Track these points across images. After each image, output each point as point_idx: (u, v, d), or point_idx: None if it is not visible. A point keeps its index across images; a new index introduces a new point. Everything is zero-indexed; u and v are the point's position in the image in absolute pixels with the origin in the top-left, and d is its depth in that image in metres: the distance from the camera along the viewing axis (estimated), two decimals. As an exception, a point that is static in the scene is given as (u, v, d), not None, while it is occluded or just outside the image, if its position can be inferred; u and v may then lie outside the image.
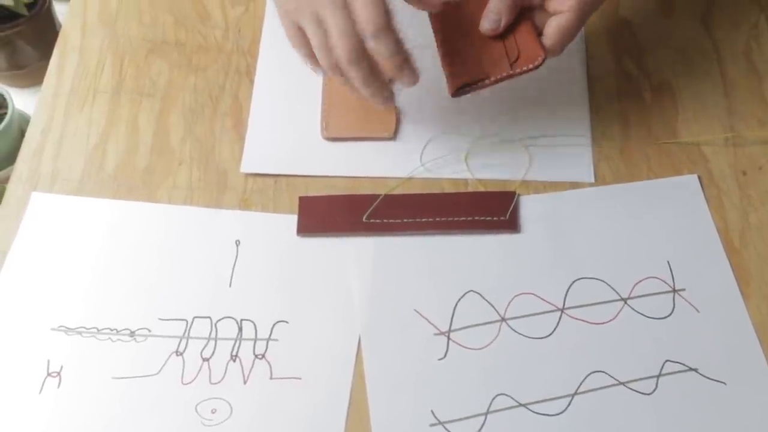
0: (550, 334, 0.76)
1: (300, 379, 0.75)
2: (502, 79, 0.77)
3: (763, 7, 0.94)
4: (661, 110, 0.88)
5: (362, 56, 0.73)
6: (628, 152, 0.85)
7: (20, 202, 0.84)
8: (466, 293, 0.78)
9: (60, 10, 1.13)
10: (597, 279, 0.78)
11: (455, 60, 0.79)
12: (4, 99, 1.00)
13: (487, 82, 0.77)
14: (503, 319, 0.77)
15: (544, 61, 0.76)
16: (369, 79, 0.75)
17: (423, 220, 0.81)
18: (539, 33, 0.77)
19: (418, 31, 0.79)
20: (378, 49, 0.73)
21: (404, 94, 0.87)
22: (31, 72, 1.10)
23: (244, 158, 0.86)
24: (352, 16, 0.72)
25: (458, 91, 0.78)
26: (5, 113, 0.99)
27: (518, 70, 0.77)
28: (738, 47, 0.92)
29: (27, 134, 0.88)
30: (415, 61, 0.76)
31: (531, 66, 0.76)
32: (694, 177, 0.83)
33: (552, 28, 0.76)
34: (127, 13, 0.96)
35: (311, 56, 0.76)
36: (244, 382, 0.75)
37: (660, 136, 0.86)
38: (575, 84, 0.89)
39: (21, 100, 1.06)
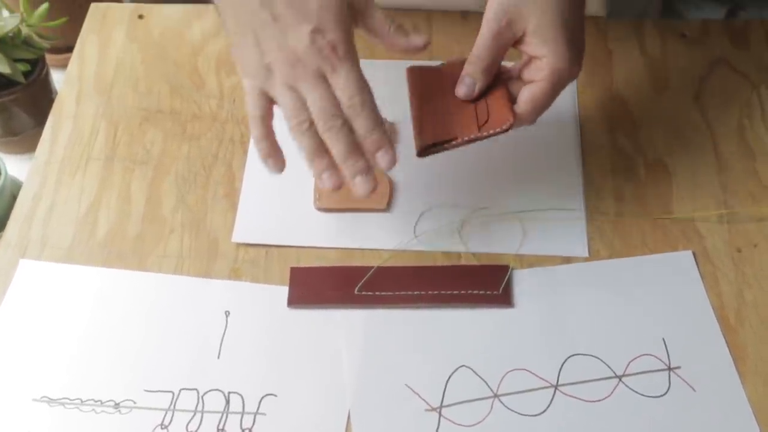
0: (543, 412, 0.74)
1: (287, 454, 0.73)
2: (469, 141, 0.77)
3: (755, 85, 0.95)
4: (655, 186, 0.87)
5: (343, 129, 0.72)
6: (622, 227, 0.85)
7: (8, 269, 0.83)
8: (458, 368, 0.77)
9: (57, 78, 1.13)
10: (591, 355, 0.77)
11: (425, 120, 0.78)
12: (-3, 165, 1.00)
13: (453, 143, 0.77)
14: (496, 396, 0.75)
15: (511, 126, 0.75)
16: (349, 153, 0.72)
17: (415, 293, 0.80)
18: (513, 100, 0.77)
19: (402, 107, 0.79)
20: (355, 125, 0.72)
21: (397, 166, 0.87)
22: (26, 139, 1.10)
23: (236, 227, 0.85)
24: (329, 92, 0.72)
25: (424, 150, 0.77)
26: (-2, 179, 0.98)
27: (485, 133, 0.76)
28: (731, 125, 0.92)
29: (18, 200, 0.88)
30: (394, 144, 0.74)
31: (498, 130, 0.76)
32: (689, 253, 0.83)
33: (524, 97, 0.76)
34: (123, 81, 0.97)
35: (264, 132, 0.75)
36: (230, 457, 0.73)
37: (654, 211, 0.86)
38: (569, 158, 0.89)
39: (14, 166, 1.06)
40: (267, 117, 0.75)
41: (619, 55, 0.98)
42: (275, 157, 0.75)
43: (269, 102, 0.75)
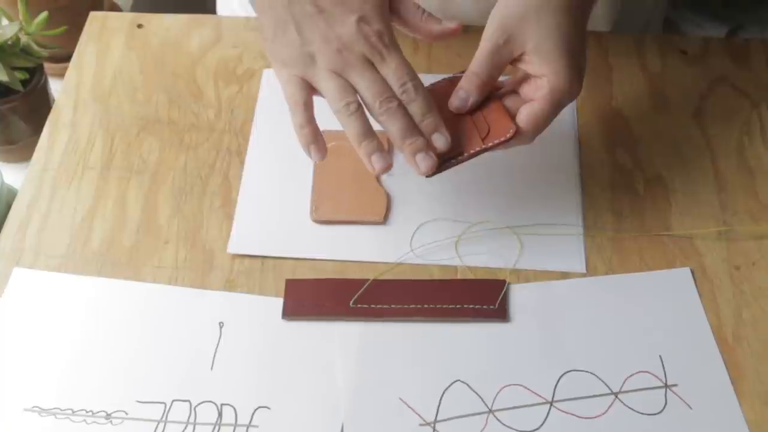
0: (538, 428, 0.74)
1: (279, 468, 0.72)
2: (475, 154, 0.77)
3: (756, 104, 0.95)
4: (654, 202, 0.87)
5: (401, 108, 0.74)
6: (620, 243, 0.84)
7: (1, 277, 0.82)
8: (453, 383, 0.76)
9: (55, 88, 1.13)
10: (587, 372, 0.77)
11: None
12: (-6, 173, 0.99)
13: (460, 158, 0.77)
14: (491, 411, 0.75)
15: (515, 133, 0.75)
16: (411, 130, 0.74)
17: (411, 306, 0.80)
18: (510, 113, 0.77)
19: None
20: (410, 108, 0.74)
21: (395, 179, 0.87)
22: (23, 147, 1.10)
23: (232, 238, 0.84)
24: (380, 75, 0.74)
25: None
26: (-6, 187, 0.98)
27: (490, 144, 0.76)
28: (731, 143, 0.92)
29: (12, 208, 0.87)
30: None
31: (503, 139, 0.76)
32: (687, 270, 0.82)
33: (523, 115, 0.76)
34: (120, 90, 0.96)
35: (306, 119, 0.75)
36: (222, 470, 0.73)
37: (653, 228, 0.85)
38: (568, 173, 0.89)
39: (11, 174, 1.05)
40: (309, 103, 0.76)
41: (619, 70, 0.97)
42: (317, 144, 0.75)
43: (310, 89, 0.76)
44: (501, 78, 0.78)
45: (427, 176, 0.77)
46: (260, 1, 0.77)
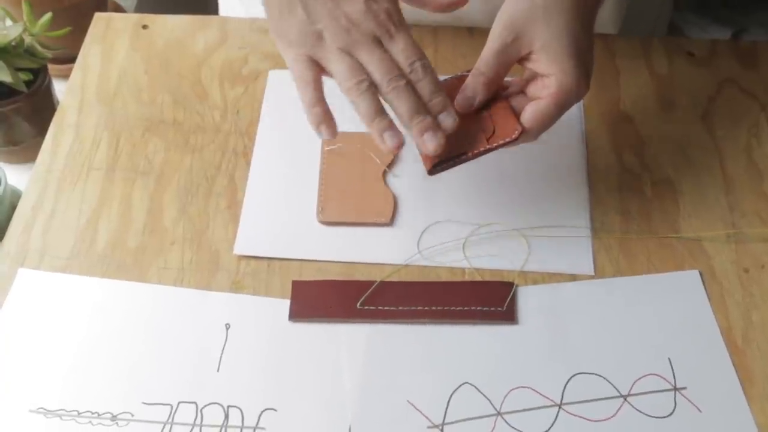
0: (547, 431, 0.73)
1: (286, 470, 0.72)
2: (479, 154, 0.76)
3: (764, 105, 0.95)
4: (662, 204, 0.87)
5: (410, 87, 0.73)
6: (628, 245, 0.84)
7: (6, 278, 0.82)
8: (461, 385, 0.76)
9: (58, 89, 1.13)
10: (596, 374, 0.76)
11: None
12: (-3, 175, 0.99)
13: (463, 157, 0.76)
14: (499, 413, 0.74)
15: (520, 134, 0.75)
16: (419, 109, 0.73)
17: (418, 308, 0.79)
18: (516, 113, 0.76)
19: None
20: (418, 87, 0.73)
21: (401, 180, 0.87)
22: (26, 148, 1.09)
23: (238, 240, 0.84)
24: (388, 53, 0.73)
25: (434, 168, 0.77)
26: (-3, 188, 0.97)
27: (494, 145, 0.76)
28: (739, 145, 0.92)
29: (17, 209, 0.87)
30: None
31: (508, 140, 0.75)
32: (696, 273, 0.82)
33: (529, 113, 0.75)
34: (125, 91, 0.96)
35: (315, 99, 0.74)
36: (228, 472, 0.72)
37: (661, 230, 0.85)
38: (575, 175, 0.88)
39: (14, 175, 1.05)
40: (318, 81, 0.75)
41: (627, 72, 0.97)
42: (328, 123, 0.74)
43: (318, 68, 0.75)
44: (507, 78, 0.78)
45: (430, 173, 0.76)
46: None
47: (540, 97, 0.75)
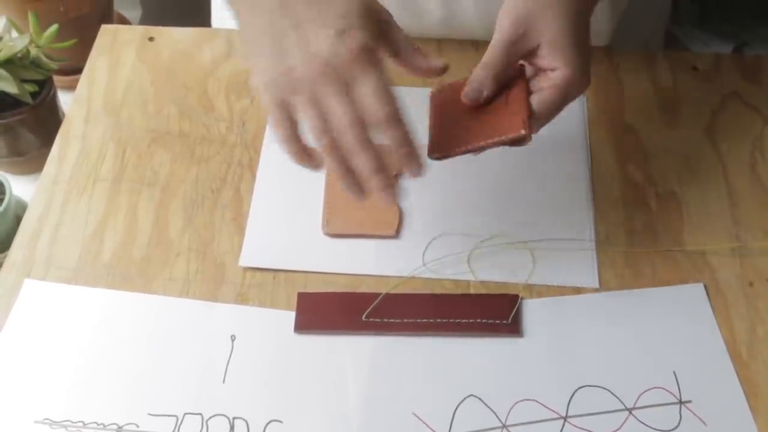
0: (552, 444, 0.74)
1: (292, 482, 0.72)
2: (478, 148, 0.76)
3: (767, 120, 0.95)
4: (666, 218, 0.87)
5: (370, 145, 0.70)
6: (632, 258, 0.84)
7: (12, 289, 0.82)
8: (466, 398, 0.76)
9: (63, 100, 1.13)
10: (601, 387, 0.76)
11: (440, 126, 0.78)
12: (2, 185, 0.99)
13: (462, 148, 0.76)
14: (504, 426, 0.74)
15: (522, 136, 0.74)
16: (377, 168, 0.70)
17: (424, 320, 0.79)
18: (527, 110, 0.75)
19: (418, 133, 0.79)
20: (386, 135, 0.70)
21: (408, 192, 0.87)
22: (31, 159, 1.10)
23: (243, 251, 0.84)
24: (356, 103, 0.69)
25: (436, 154, 0.77)
26: (2, 199, 0.98)
27: (496, 139, 0.75)
28: (743, 158, 0.92)
29: (24, 220, 0.87)
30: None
31: (512, 135, 0.74)
32: (700, 286, 0.82)
33: (534, 104, 0.75)
34: (132, 102, 0.96)
35: (291, 139, 0.71)
36: (234, 484, 0.72)
37: (665, 243, 0.85)
38: (580, 188, 0.89)
39: (19, 186, 1.05)
40: (294, 133, 0.71)
41: (630, 85, 0.97)
42: (309, 161, 0.72)
43: (292, 116, 0.71)
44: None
45: (430, 157, 0.76)
46: (242, 19, 0.74)
47: (543, 87, 0.75)
